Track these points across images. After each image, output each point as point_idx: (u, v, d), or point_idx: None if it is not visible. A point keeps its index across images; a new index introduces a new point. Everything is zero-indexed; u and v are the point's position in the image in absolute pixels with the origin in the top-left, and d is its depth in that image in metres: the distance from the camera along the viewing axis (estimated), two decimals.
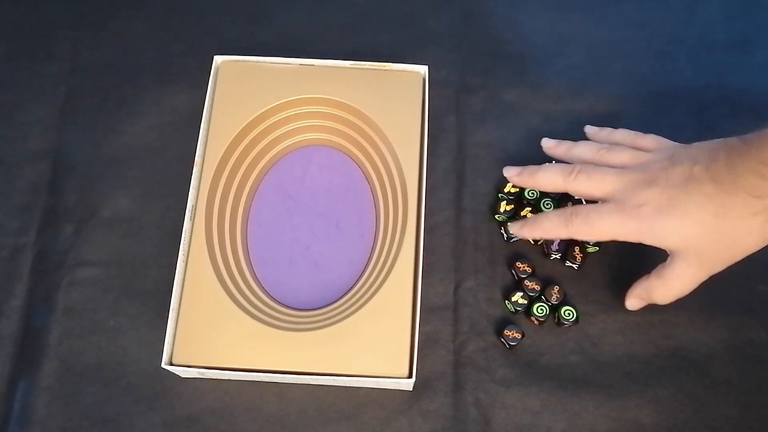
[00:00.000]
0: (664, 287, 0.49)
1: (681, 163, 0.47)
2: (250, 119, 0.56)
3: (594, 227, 0.49)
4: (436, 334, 0.54)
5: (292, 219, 0.57)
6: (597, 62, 0.63)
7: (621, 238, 0.48)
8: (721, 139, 0.46)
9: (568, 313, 0.53)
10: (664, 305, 0.50)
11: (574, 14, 0.65)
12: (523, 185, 0.54)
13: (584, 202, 0.57)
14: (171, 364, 0.50)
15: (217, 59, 0.58)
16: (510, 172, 0.53)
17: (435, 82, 0.60)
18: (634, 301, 0.51)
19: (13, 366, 0.53)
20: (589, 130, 0.55)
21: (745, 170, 0.43)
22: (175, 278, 0.51)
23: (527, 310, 0.54)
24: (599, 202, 0.50)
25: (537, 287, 0.54)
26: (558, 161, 0.54)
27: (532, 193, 0.57)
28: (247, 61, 0.58)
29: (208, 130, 0.56)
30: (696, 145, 0.48)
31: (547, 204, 0.57)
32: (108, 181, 0.59)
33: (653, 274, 0.49)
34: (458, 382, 0.53)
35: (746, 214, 0.44)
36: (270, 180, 0.58)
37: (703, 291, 0.54)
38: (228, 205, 0.55)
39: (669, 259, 0.48)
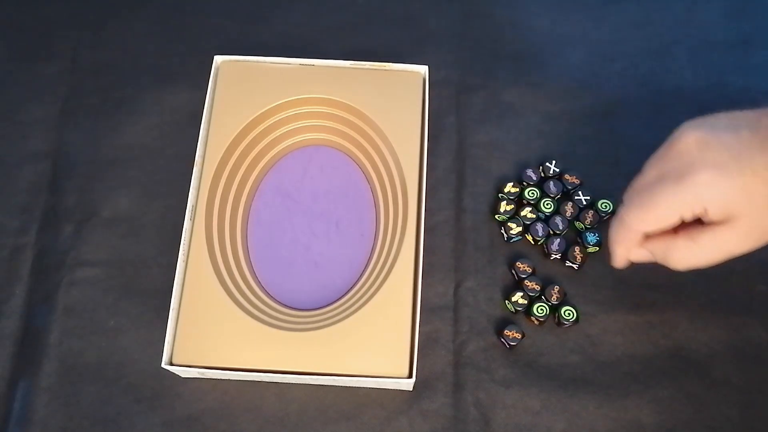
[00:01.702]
0: (690, 250, 0.43)
1: (725, 129, 0.42)
2: (250, 119, 0.56)
3: (651, 207, 0.43)
4: (436, 334, 0.54)
5: (292, 219, 0.57)
6: (597, 62, 0.63)
7: (686, 213, 0.42)
8: (747, 111, 0.43)
9: (568, 313, 0.53)
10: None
11: (574, 14, 0.65)
12: (640, 257, 0.47)
13: (583, 201, 0.57)
14: (171, 364, 0.50)
15: (217, 59, 0.58)
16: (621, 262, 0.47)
17: (435, 82, 0.60)
18: (640, 252, 0.45)
19: (13, 366, 0.53)
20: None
21: None
22: (175, 278, 0.51)
23: (527, 310, 0.54)
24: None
25: (537, 287, 0.54)
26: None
27: (533, 193, 0.57)
28: (247, 61, 0.58)
29: (208, 130, 0.56)
30: (721, 114, 0.44)
31: (547, 204, 0.57)
32: (108, 181, 0.59)
33: (681, 234, 0.44)
34: (458, 382, 0.53)
35: None
36: (270, 180, 0.58)
37: (703, 291, 0.54)
38: (228, 205, 0.55)
39: (711, 223, 0.43)
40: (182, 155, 0.58)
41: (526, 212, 0.56)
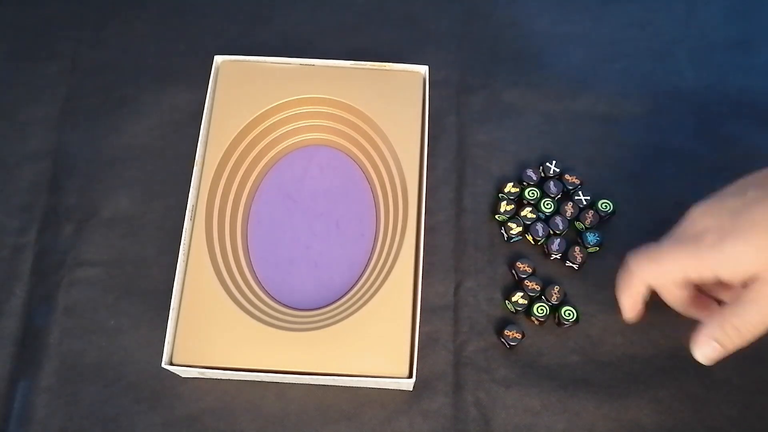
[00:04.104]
0: (739, 317, 0.40)
1: (731, 195, 0.42)
2: (250, 119, 0.56)
3: (657, 263, 0.43)
4: (436, 334, 0.54)
5: (293, 219, 0.57)
6: (597, 62, 0.63)
7: (691, 273, 0.42)
8: (759, 172, 0.43)
9: (569, 313, 0.53)
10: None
11: (574, 14, 0.65)
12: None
13: (583, 201, 0.57)
14: (171, 364, 0.50)
15: (217, 59, 0.58)
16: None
17: (435, 82, 0.60)
18: (706, 348, 0.42)
19: (13, 366, 0.53)
20: None
21: None
22: (175, 278, 0.51)
23: (527, 310, 0.54)
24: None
25: (537, 287, 0.54)
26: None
27: (533, 193, 0.57)
28: (247, 61, 0.58)
29: (208, 130, 0.56)
30: (736, 182, 0.44)
31: (547, 204, 0.57)
32: (108, 181, 0.59)
33: (727, 306, 0.41)
34: (458, 382, 0.53)
35: None
36: (270, 180, 0.58)
37: None
38: (228, 205, 0.55)
39: (747, 288, 0.41)
40: (182, 155, 0.58)
41: (527, 212, 0.56)
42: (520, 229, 0.56)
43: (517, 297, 0.54)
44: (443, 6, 0.66)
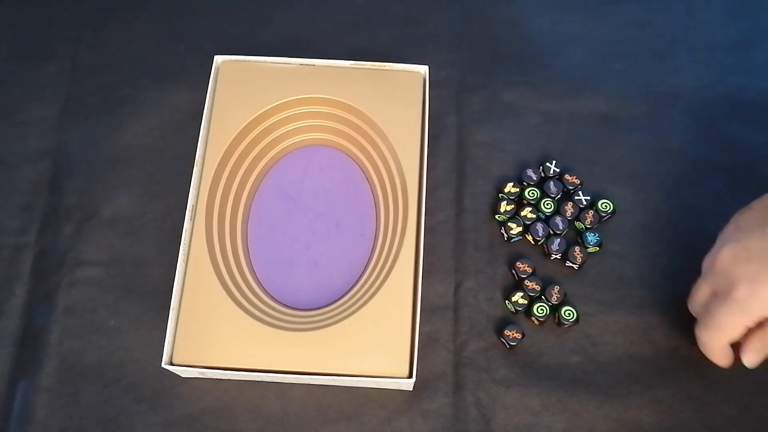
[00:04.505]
0: None
1: (752, 230, 0.46)
2: (250, 119, 0.56)
3: (717, 328, 0.47)
4: (436, 334, 0.54)
5: (293, 219, 0.57)
6: (597, 62, 0.63)
7: (748, 324, 0.46)
8: None
9: (568, 313, 0.53)
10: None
11: (574, 14, 0.65)
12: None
13: (583, 201, 0.57)
14: (171, 363, 0.50)
15: (217, 59, 0.58)
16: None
17: (435, 82, 0.60)
18: (752, 356, 0.48)
19: (13, 366, 0.53)
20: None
21: None
22: (175, 278, 0.51)
23: (527, 310, 0.54)
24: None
25: (537, 287, 0.54)
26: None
27: (533, 193, 0.57)
28: (247, 61, 0.58)
29: (208, 129, 0.56)
30: (753, 207, 0.47)
31: (547, 204, 0.57)
32: (108, 181, 0.59)
33: (767, 325, 0.47)
34: (458, 382, 0.53)
35: None
36: (270, 180, 0.58)
37: None
38: (228, 205, 0.55)
39: None
40: (182, 155, 0.58)
41: (527, 212, 0.56)
42: (520, 229, 0.56)
43: (517, 297, 0.54)
44: (443, 6, 0.66)
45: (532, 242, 0.56)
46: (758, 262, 0.44)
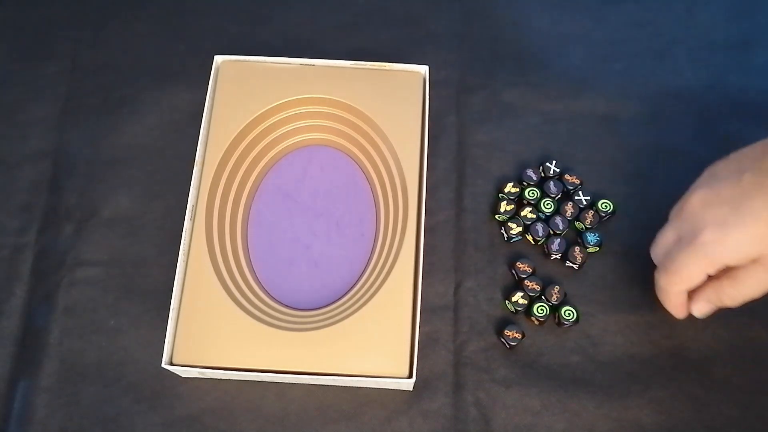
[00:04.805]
0: (736, 289, 0.46)
1: (726, 179, 0.45)
2: (250, 119, 0.56)
3: (676, 272, 0.47)
4: (436, 334, 0.54)
5: (293, 219, 0.57)
6: (597, 62, 0.63)
7: (709, 271, 0.45)
8: (757, 143, 0.45)
9: (568, 313, 0.53)
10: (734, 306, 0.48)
11: (574, 14, 0.65)
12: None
13: (583, 201, 0.57)
14: (171, 363, 0.50)
15: (217, 59, 0.58)
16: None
17: (435, 82, 0.60)
18: (702, 305, 0.48)
19: (13, 366, 0.53)
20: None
21: None
22: (175, 278, 0.51)
23: (527, 310, 0.54)
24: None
25: (537, 287, 0.54)
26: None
27: (533, 193, 0.57)
28: (247, 61, 0.58)
29: (208, 130, 0.56)
30: (731, 158, 0.46)
31: (547, 204, 0.57)
32: (108, 181, 0.59)
33: (724, 277, 0.46)
34: (458, 382, 0.53)
35: None
36: (270, 180, 0.58)
37: None
38: (228, 205, 0.55)
39: (745, 267, 0.45)
40: (182, 155, 0.58)
41: (527, 212, 0.57)
42: (520, 229, 0.56)
43: (517, 297, 0.54)
44: (443, 6, 0.66)
45: (532, 242, 0.56)
46: (728, 207, 0.43)
